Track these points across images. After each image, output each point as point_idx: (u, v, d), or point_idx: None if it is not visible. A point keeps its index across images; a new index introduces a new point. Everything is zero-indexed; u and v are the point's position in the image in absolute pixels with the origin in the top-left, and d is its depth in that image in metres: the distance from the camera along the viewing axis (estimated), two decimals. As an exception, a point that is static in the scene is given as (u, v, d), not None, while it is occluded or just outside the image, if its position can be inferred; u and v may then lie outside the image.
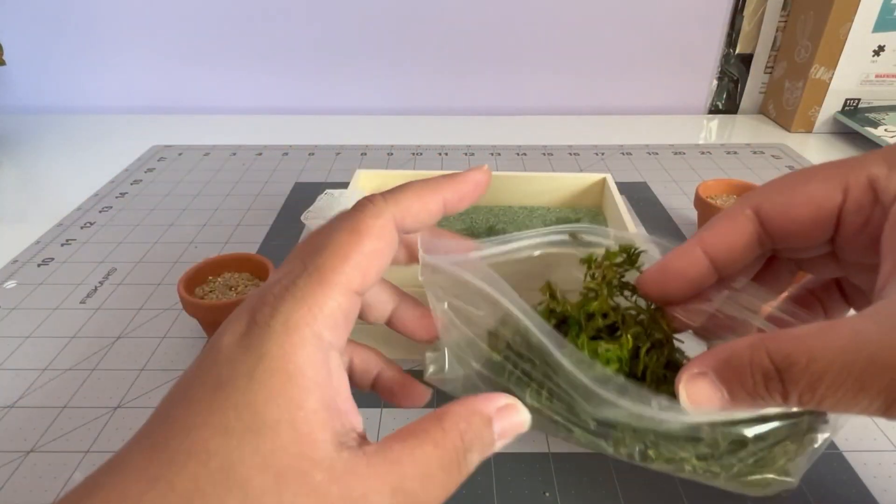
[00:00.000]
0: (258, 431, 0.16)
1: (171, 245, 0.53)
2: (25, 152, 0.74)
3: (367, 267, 0.19)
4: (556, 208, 0.44)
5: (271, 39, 0.83)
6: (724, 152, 0.72)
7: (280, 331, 0.17)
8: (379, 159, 0.71)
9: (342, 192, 0.39)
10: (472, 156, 0.71)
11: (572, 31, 0.82)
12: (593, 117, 0.85)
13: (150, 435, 0.17)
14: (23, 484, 0.31)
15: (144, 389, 0.37)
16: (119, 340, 0.42)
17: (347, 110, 0.88)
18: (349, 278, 0.18)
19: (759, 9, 0.79)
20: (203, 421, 0.16)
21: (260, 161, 0.71)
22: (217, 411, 0.16)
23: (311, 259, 0.19)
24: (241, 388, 0.16)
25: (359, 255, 0.19)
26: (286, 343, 0.17)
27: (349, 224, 0.19)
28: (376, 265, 0.19)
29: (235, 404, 0.16)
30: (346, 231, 0.19)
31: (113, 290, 0.47)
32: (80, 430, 0.35)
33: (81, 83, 0.86)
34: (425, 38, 0.83)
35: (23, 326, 0.43)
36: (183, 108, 0.87)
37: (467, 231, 0.42)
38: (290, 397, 0.16)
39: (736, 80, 0.85)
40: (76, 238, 0.54)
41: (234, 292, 0.40)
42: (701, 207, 0.50)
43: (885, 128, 0.70)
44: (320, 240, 0.20)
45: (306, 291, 0.18)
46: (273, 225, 0.56)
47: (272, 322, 0.17)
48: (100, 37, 0.83)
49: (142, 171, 0.68)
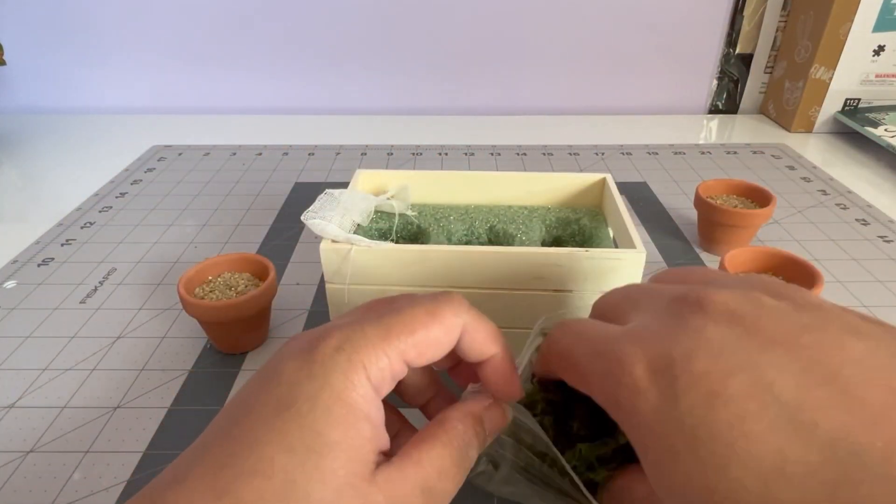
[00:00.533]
0: (320, 451, 0.18)
1: (171, 245, 0.53)
2: (25, 152, 0.74)
3: (424, 348, 0.21)
4: (556, 208, 0.44)
5: (271, 39, 0.83)
6: (724, 152, 0.72)
7: (344, 366, 0.20)
8: (379, 159, 0.71)
9: (342, 192, 0.39)
10: (472, 156, 0.71)
11: (572, 31, 0.82)
12: (593, 117, 0.85)
13: (210, 449, 0.19)
14: (23, 484, 0.31)
15: (144, 389, 0.37)
16: (119, 340, 0.42)
17: (347, 110, 0.88)
18: (407, 348, 0.21)
19: (759, 9, 0.79)
20: (267, 439, 0.18)
21: (260, 161, 0.71)
22: (280, 431, 0.18)
23: (386, 317, 0.21)
24: (305, 411, 0.19)
25: (424, 336, 0.21)
26: (347, 380, 0.19)
27: (430, 307, 0.22)
28: (432, 351, 0.22)
29: (300, 426, 0.18)
30: (425, 311, 0.22)
31: (113, 290, 0.47)
32: (79, 430, 0.35)
33: (81, 83, 0.86)
34: (425, 38, 0.83)
35: (23, 326, 0.43)
36: (183, 108, 0.87)
37: (467, 231, 0.42)
38: (349, 424, 0.19)
39: (736, 80, 0.85)
40: (76, 238, 0.54)
41: (234, 292, 0.40)
42: (701, 207, 0.50)
43: (885, 128, 0.70)
44: (400, 305, 0.22)
45: (374, 341, 0.20)
46: (273, 225, 0.56)
47: (337, 357, 0.20)
48: (100, 37, 0.83)
49: (142, 171, 0.68)
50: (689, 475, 0.17)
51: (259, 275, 0.41)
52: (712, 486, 0.16)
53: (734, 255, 0.41)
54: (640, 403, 0.18)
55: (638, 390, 0.19)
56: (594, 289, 0.35)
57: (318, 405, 0.19)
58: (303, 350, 0.20)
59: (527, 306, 0.36)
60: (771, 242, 0.53)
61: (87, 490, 0.31)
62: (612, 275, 0.35)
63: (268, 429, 0.18)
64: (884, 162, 0.69)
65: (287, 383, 0.19)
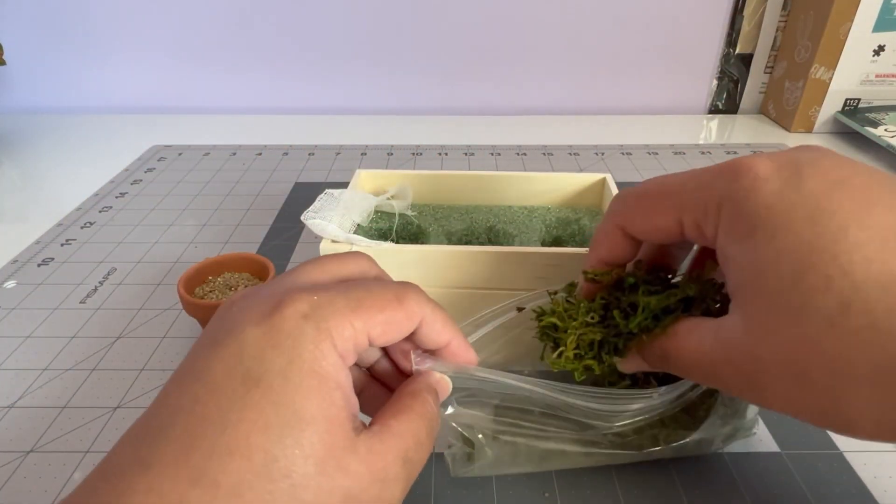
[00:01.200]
0: (297, 426, 0.18)
1: (171, 245, 0.53)
2: (25, 152, 0.74)
3: (389, 328, 0.21)
4: (556, 208, 0.44)
5: (272, 39, 0.83)
6: (724, 152, 0.72)
7: (312, 335, 0.19)
8: (379, 159, 0.71)
9: (342, 192, 0.39)
10: (472, 156, 0.71)
11: (572, 31, 0.82)
12: (593, 117, 0.85)
13: (173, 429, 0.17)
14: (23, 484, 0.31)
15: (144, 389, 0.37)
16: (119, 340, 0.42)
17: (347, 110, 0.88)
18: (374, 325, 0.21)
19: (759, 9, 0.79)
20: (239, 417, 0.17)
21: (260, 161, 0.71)
22: (254, 408, 0.18)
23: (355, 291, 0.21)
24: (276, 386, 0.18)
25: (391, 316, 0.21)
26: (317, 349, 0.19)
27: (397, 292, 0.22)
28: (394, 332, 0.21)
29: (273, 402, 0.18)
30: (393, 294, 0.22)
31: (113, 290, 0.47)
32: (79, 430, 0.35)
33: (81, 83, 0.86)
34: (425, 38, 0.83)
35: (23, 326, 0.43)
36: (183, 108, 0.87)
37: (467, 231, 0.42)
38: (322, 396, 0.18)
39: (736, 80, 0.85)
40: (76, 238, 0.54)
41: (234, 292, 0.40)
42: (701, 207, 0.50)
43: (885, 127, 0.70)
44: (369, 284, 0.22)
45: (343, 312, 0.20)
46: (273, 225, 0.56)
47: (305, 326, 0.19)
48: (100, 37, 0.83)
49: (142, 171, 0.68)
50: (804, 243, 0.18)
51: (259, 275, 0.41)
52: (830, 249, 0.17)
53: None
54: (761, 187, 0.20)
55: (759, 178, 0.20)
56: (594, 289, 0.35)
57: (290, 379, 0.18)
58: (264, 315, 0.19)
59: (527, 306, 0.36)
60: (771, 242, 0.53)
61: (87, 490, 0.31)
62: (612, 275, 0.35)
63: (239, 406, 0.17)
64: (884, 162, 0.69)
65: (252, 356, 0.18)
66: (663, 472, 0.31)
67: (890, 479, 0.31)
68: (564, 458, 0.30)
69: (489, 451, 0.29)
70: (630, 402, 0.27)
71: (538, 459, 0.30)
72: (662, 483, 0.31)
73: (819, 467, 0.32)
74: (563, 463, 0.31)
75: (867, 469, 0.32)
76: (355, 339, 0.20)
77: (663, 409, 0.28)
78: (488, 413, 0.29)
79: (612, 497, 0.30)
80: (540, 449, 0.30)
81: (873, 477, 0.31)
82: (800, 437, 0.33)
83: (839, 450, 0.33)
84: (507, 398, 0.29)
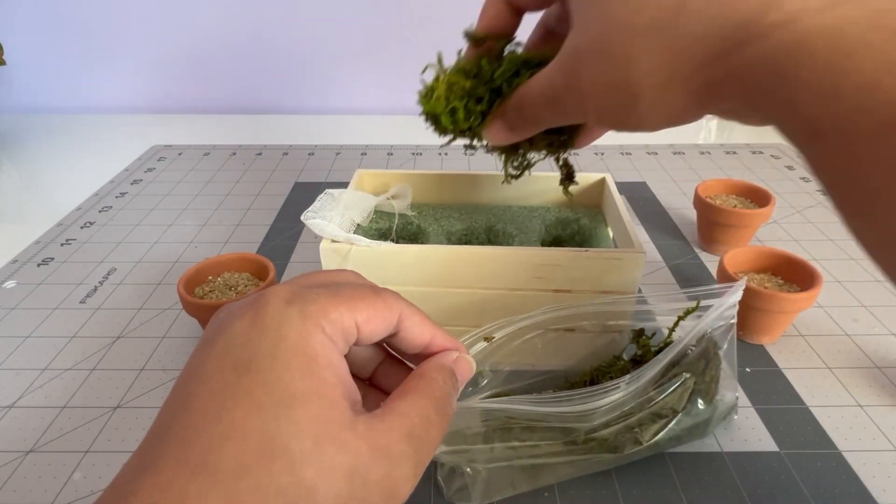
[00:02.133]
0: (290, 404, 0.18)
1: (171, 245, 0.53)
2: (25, 152, 0.74)
3: (371, 315, 0.21)
4: (555, 208, 0.44)
5: (272, 39, 0.83)
6: (723, 152, 0.72)
7: (296, 317, 0.19)
8: (379, 159, 0.71)
9: (342, 192, 0.39)
10: (472, 156, 0.71)
11: (572, 31, 0.82)
12: (593, 117, 0.85)
13: (171, 428, 0.18)
14: (23, 484, 0.31)
15: (144, 389, 0.37)
16: (119, 340, 0.42)
17: (347, 110, 0.88)
18: (356, 312, 0.20)
19: (759, 9, 0.79)
20: (233, 404, 0.17)
21: (260, 161, 0.71)
22: (245, 392, 0.18)
23: (331, 286, 0.21)
24: (266, 368, 0.18)
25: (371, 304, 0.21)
26: (303, 329, 0.19)
27: (375, 288, 0.22)
28: (376, 321, 0.21)
29: (263, 382, 0.18)
30: (370, 288, 0.22)
31: (113, 290, 0.47)
32: (79, 430, 0.35)
33: (81, 83, 0.86)
34: (425, 38, 0.83)
35: (23, 326, 0.43)
36: (183, 108, 0.87)
37: (467, 231, 0.42)
38: (312, 373, 0.18)
39: (735, 80, 0.85)
40: (76, 238, 0.54)
41: (234, 292, 0.40)
42: (700, 207, 0.50)
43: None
44: (346, 279, 0.22)
45: (325, 299, 0.20)
46: (273, 225, 0.56)
47: (289, 309, 0.19)
48: (100, 37, 0.83)
49: (142, 171, 0.68)
50: None
51: (259, 275, 0.41)
52: None
53: (733, 254, 0.41)
54: None
55: None
56: (593, 289, 0.36)
57: (279, 359, 0.18)
58: (248, 306, 0.20)
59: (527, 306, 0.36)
60: (770, 242, 0.53)
61: (87, 490, 0.31)
62: (611, 274, 0.35)
63: (231, 393, 0.18)
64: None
65: (239, 345, 0.19)
66: (663, 471, 0.31)
67: (888, 478, 0.31)
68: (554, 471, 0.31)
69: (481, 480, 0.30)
70: (600, 397, 0.28)
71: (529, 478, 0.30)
72: (662, 483, 0.31)
73: (818, 467, 0.32)
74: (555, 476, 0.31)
75: (867, 469, 0.32)
76: (342, 322, 0.20)
77: (635, 403, 0.30)
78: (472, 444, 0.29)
79: (613, 497, 0.30)
80: (530, 466, 0.30)
81: (872, 477, 0.31)
82: (799, 437, 0.33)
83: (838, 449, 0.33)
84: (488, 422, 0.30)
